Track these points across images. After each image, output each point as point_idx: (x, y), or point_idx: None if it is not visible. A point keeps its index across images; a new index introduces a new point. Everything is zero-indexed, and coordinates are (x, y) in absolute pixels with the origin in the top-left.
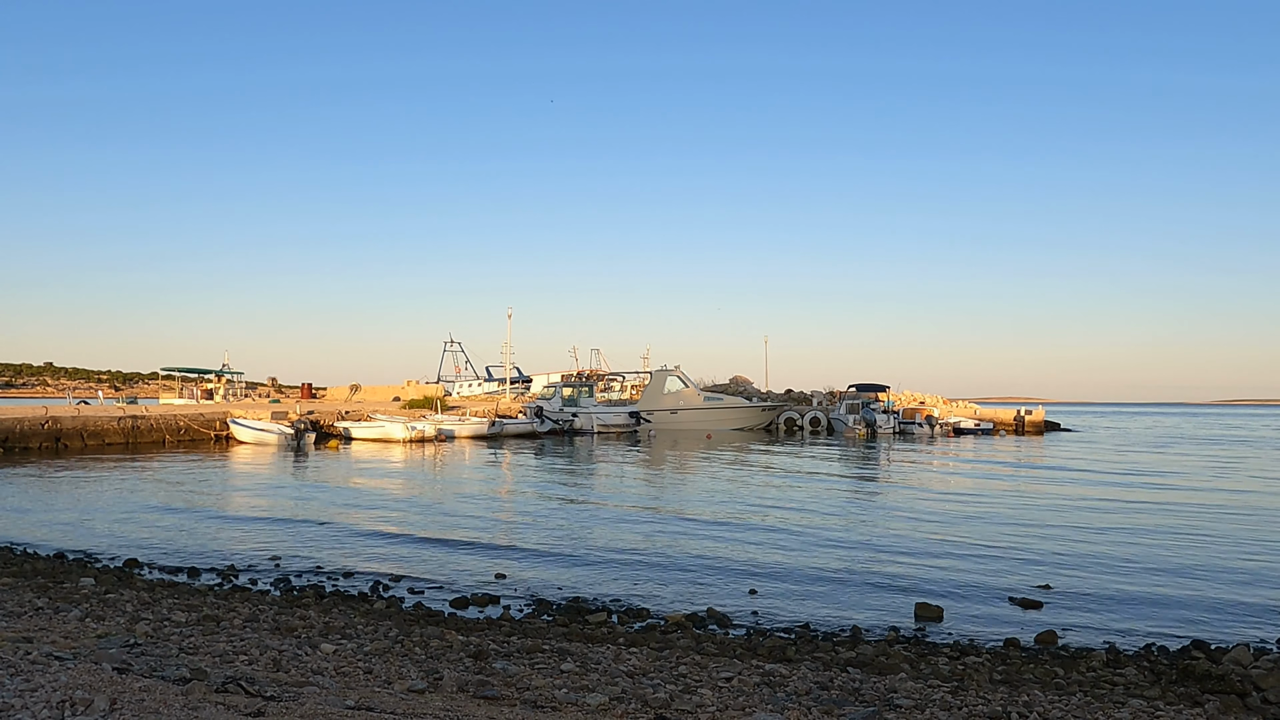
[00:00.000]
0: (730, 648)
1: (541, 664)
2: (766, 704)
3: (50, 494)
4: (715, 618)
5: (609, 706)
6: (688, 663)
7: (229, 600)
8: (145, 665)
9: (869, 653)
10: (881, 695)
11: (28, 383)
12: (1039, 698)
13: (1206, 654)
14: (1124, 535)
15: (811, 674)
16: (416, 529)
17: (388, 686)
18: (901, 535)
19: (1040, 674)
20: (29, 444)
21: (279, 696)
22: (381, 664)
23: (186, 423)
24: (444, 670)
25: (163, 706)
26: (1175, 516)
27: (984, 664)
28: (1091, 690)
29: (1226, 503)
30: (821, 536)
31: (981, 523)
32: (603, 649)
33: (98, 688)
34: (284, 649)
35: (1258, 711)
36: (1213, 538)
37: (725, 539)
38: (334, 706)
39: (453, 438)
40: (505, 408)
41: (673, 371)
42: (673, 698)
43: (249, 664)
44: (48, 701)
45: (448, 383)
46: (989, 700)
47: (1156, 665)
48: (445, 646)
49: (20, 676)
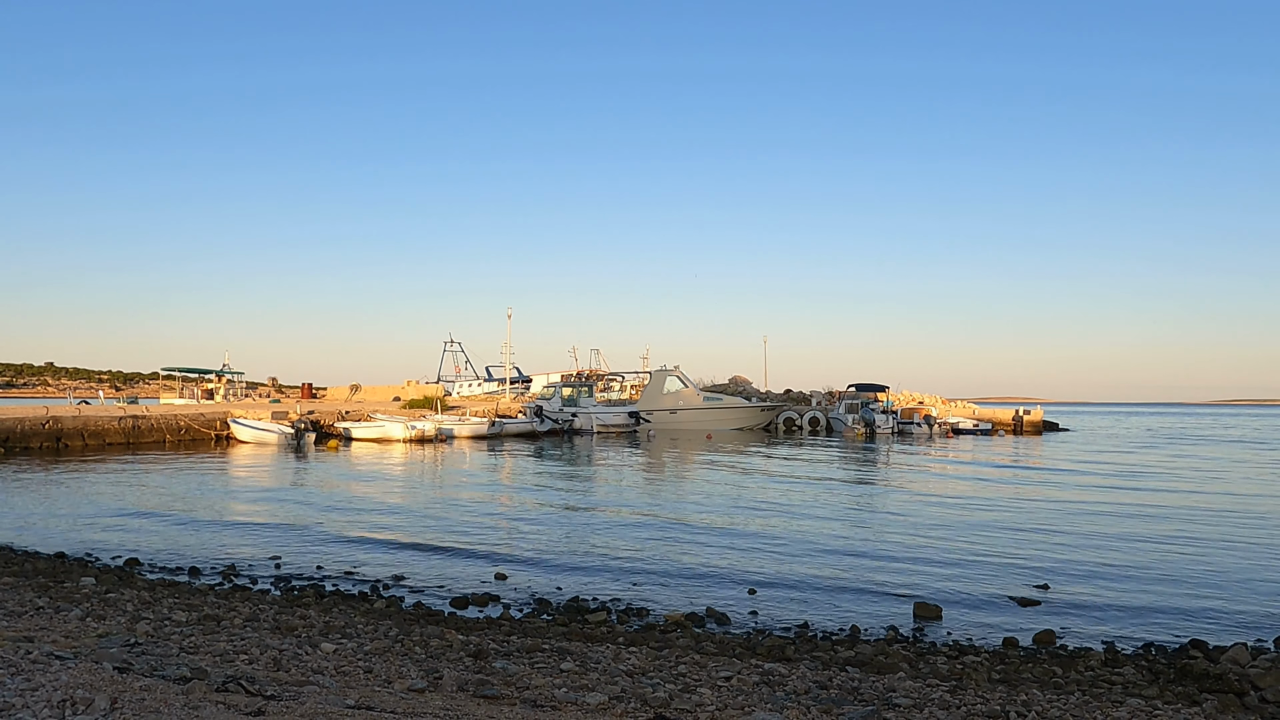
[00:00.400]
0: (729, 647)
1: (541, 663)
2: (766, 703)
3: (51, 494)
4: (714, 617)
5: (608, 705)
6: (687, 662)
7: (229, 600)
8: (146, 664)
9: (868, 652)
10: (880, 694)
11: (28, 383)
12: (1037, 697)
13: (1204, 653)
14: (1122, 535)
15: (810, 673)
16: (416, 529)
17: (388, 686)
18: (899, 535)
19: (1039, 673)
20: (30, 444)
21: (279, 695)
22: (382, 663)
23: (187, 423)
24: (444, 669)
25: (163, 705)
26: (1173, 517)
27: (982, 663)
28: (1090, 689)
29: (1224, 504)
30: (820, 536)
31: (979, 523)
32: (602, 648)
33: (98, 687)
34: (284, 648)
35: (1256, 710)
36: (1210, 538)
37: (724, 538)
38: (334, 706)
39: (453, 438)
40: (505, 408)
41: (672, 371)
42: (672, 697)
43: (249, 663)
44: (49, 700)
45: (448, 383)
46: (988, 699)
47: (1154, 664)
48: (445, 646)
49: (21, 676)
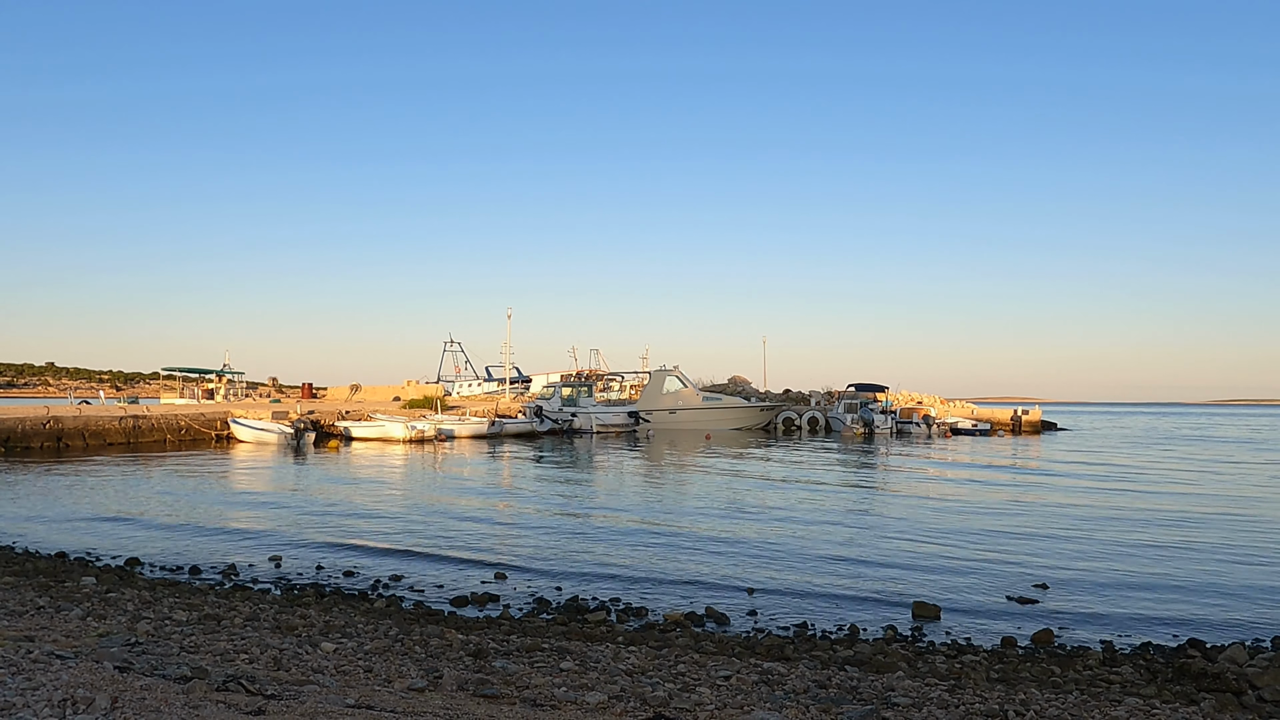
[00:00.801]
0: (728, 646)
1: (541, 662)
2: (765, 702)
3: (52, 493)
4: (713, 616)
5: (608, 705)
6: (686, 661)
7: (230, 599)
8: (146, 664)
9: (867, 651)
10: (879, 693)
11: (29, 383)
12: (1036, 696)
13: (1202, 652)
14: (1119, 535)
15: (809, 672)
16: (416, 529)
17: (388, 685)
18: (897, 535)
19: (1037, 672)
20: (31, 444)
21: (279, 695)
22: (382, 662)
23: (187, 422)
24: (444, 669)
25: (164, 705)
26: (1170, 516)
27: (981, 662)
28: (1088, 688)
29: (1221, 505)
30: (818, 536)
31: (978, 522)
32: (602, 647)
33: (99, 686)
34: (284, 647)
35: (1253, 709)
36: (1208, 538)
37: (722, 538)
38: (334, 705)
39: (452, 437)
40: (505, 408)
41: (671, 371)
42: (671, 696)
43: (250, 662)
44: (49, 700)
45: (448, 383)
46: (986, 698)
47: (1153, 664)
48: (445, 645)
49: (22, 675)
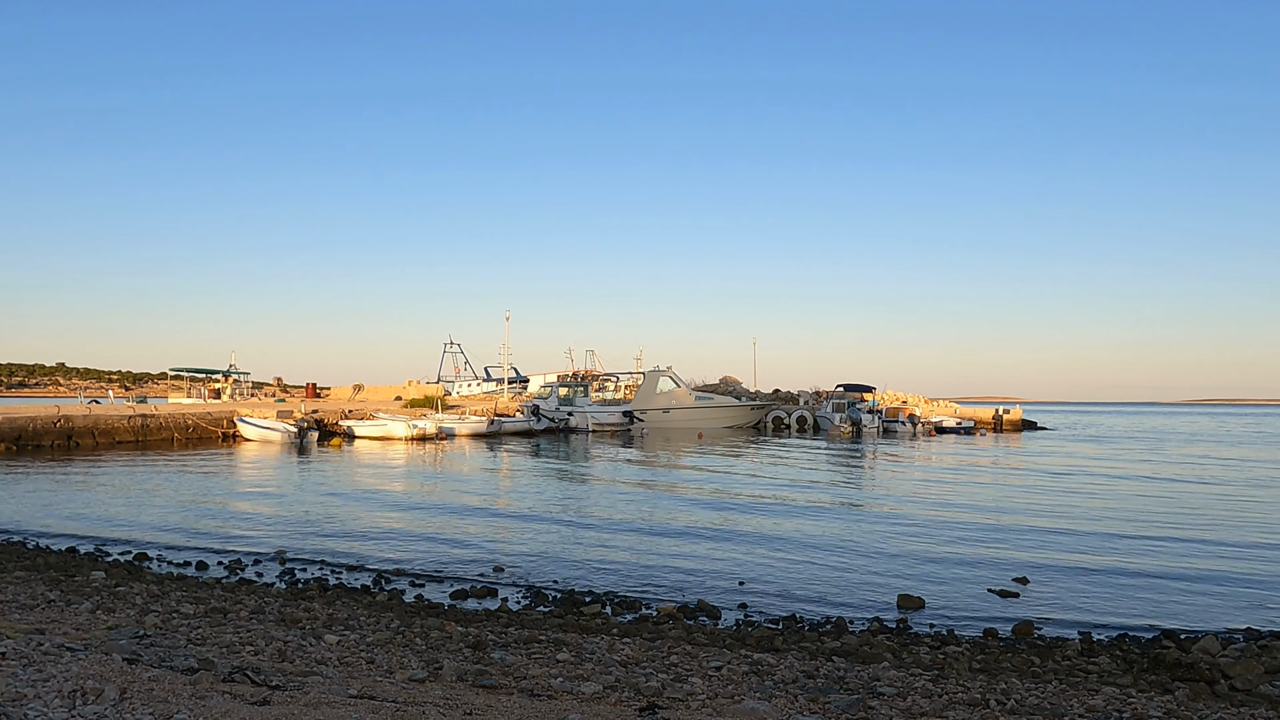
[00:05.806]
0: (720, 638)
1: (538, 654)
2: (754, 692)
3: (62, 490)
4: (705, 609)
5: (603, 694)
6: (679, 653)
7: (236, 593)
8: (154, 656)
9: (853, 642)
10: (865, 683)
11: (40, 382)
12: (1016, 685)
13: (1176, 643)
14: (1098, 529)
15: (798, 663)
16: (417, 524)
17: (389, 676)
18: (883, 530)
19: (1018, 663)
20: (42, 442)
21: (284, 686)
22: (383, 654)
23: (195, 421)
24: (444, 660)
25: (171, 696)
26: (1147, 511)
27: (964, 653)
28: (1067, 678)
29: (1196, 501)
30: (806, 531)
31: (960, 517)
32: (597, 639)
33: (108, 678)
34: (289, 640)
35: (1225, 698)
36: (1183, 533)
37: (714, 533)
38: (337, 695)
39: (453, 436)
40: (503, 407)
41: (665, 372)
42: (664, 686)
43: (255, 654)
44: (60, 691)
45: (448, 383)
46: (968, 688)
47: (1129, 654)
48: (445, 637)
49: (33, 667)
